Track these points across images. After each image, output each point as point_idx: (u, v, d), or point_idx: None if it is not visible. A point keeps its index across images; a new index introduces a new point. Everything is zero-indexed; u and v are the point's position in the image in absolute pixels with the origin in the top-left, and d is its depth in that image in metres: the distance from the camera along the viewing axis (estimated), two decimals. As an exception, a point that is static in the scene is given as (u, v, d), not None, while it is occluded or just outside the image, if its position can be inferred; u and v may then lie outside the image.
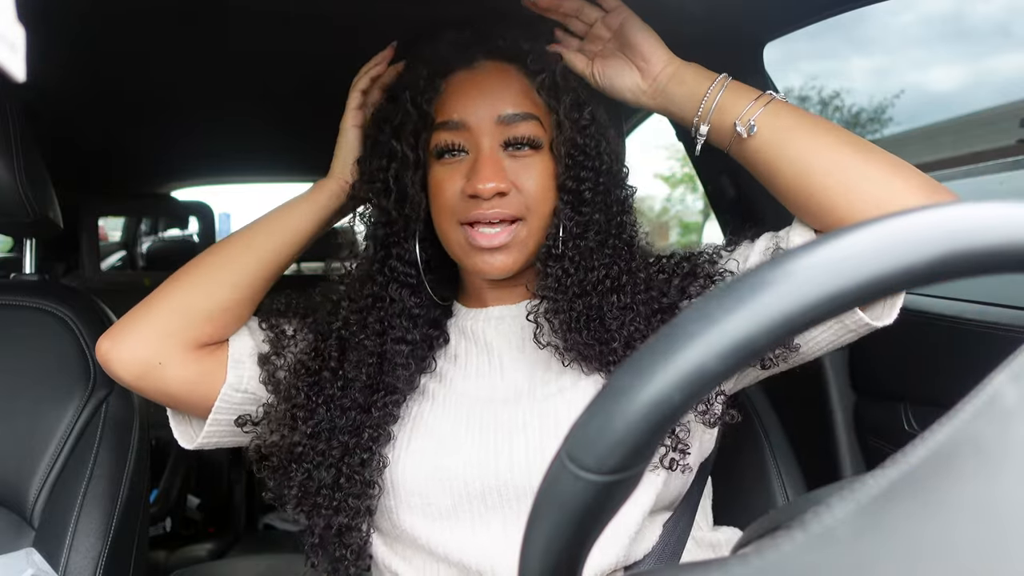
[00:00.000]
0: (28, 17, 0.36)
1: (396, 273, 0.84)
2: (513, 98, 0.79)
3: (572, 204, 0.80)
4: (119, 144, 2.15)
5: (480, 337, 0.87)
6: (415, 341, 0.83)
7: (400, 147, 0.81)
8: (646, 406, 0.29)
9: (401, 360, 0.82)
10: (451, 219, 0.80)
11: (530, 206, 0.79)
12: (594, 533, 0.33)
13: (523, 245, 0.80)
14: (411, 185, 0.81)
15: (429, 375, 0.87)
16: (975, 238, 0.28)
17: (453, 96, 0.80)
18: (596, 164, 0.80)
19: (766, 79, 1.27)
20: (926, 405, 1.06)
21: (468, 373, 0.85)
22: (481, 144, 0.78)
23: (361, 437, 0.80)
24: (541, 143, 0.80)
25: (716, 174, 1.46)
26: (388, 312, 0.83)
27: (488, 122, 0.78)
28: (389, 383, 0.82)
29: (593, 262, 0.80)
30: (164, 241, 3.60)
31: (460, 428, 0.80)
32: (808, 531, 0.22)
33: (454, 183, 0.79)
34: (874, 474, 0.23)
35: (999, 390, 0.24)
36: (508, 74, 0.81)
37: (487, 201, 0.77)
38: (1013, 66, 11.98)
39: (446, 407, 0.83)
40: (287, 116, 1.87)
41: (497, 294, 0.88)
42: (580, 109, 0.81)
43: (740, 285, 0.29)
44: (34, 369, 1.05)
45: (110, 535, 0.99)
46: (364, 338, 0.83)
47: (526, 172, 0.79)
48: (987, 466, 0.22)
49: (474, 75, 0.81)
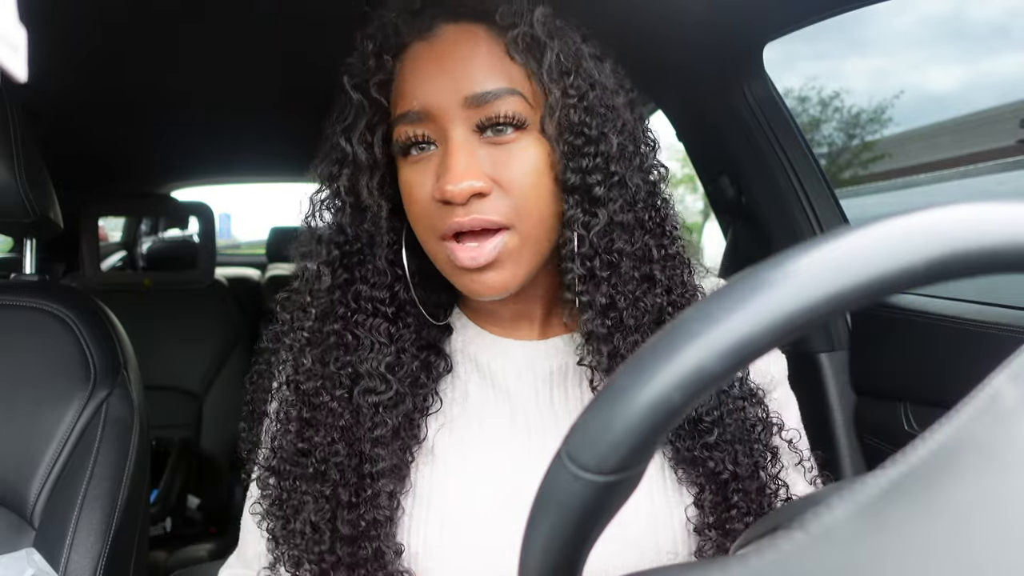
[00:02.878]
0: (29, 18, 0.36)
1: (364, 301, 0.68)
2: (482, 70, 0.61)
3: (581, 205, 0.63)
4: (119, 144, 2.15)
5: (499, 381, 0.71)
6: (395, 389, 0.66)
7: (351, 147, 0.65)
8: (646, 406, 0.29)
9: (378, 419, 0.65)
10: (430, 233, 0.64)
11: (518, 207, 0.61)
12: (594, 533, 0.33)
13: (517, 257, 0.63)
14: (368, 193, 0.65)
15: (436, 416, 0.70)
16: (975, 238, 0.28)
17: (410, 78, 0.63)
18: (603, 148, 0.63)
19: (766, 79, 1.28)
20: (926, 405, 1.06)
21: (484, 421, 0.70)
22: (449, 133, 0.61)
23: (359, 525, 0.65)
24: (525, 121, 0.62)
25: (716, 174, 1.46)
26: (357, 355, 0.67)
27: (453, 105, 0.61)
28: (372, 453, 0.65)
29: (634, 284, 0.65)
30: (164, 241, 3.60)
31: (486, 503, 0.66)
32: (808, 531, 0.22)
33: (424, 186, 0.63)
34: (874, 474, 0.23)
35: (999, 390, 0.24)
36: (474, 38, 0.62)
37: (462, 207, 0.60)
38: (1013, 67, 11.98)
39: (463, 474, 0.67)
40: (287, 116, 1.87)
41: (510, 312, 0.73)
42: (572, 69, 0.63)
43: (740, 285, 0.29)
44: (34, 369, 1.05)
45: (110, 535, 0.99)
46: (328, 397, 0.67)
47: (510, 162, 0.61)
48: (987, 466, 0.22)
49: (432, 47, 0.63)
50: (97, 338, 1.08)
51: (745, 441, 0.67)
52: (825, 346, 1.24)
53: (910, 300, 1.14)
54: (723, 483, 0.66)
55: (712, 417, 0.66)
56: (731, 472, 0.66)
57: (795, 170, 1.29)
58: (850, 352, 1.24)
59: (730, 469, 0.66)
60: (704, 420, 0.66)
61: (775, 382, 0.74)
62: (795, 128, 1.30)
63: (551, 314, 0.74)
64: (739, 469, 0.66)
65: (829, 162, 10.72)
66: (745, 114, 1.29)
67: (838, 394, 1.22)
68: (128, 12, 1.14)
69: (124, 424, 1.06)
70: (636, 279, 0.65)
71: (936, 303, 1.09)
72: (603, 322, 0.64)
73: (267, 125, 2.01)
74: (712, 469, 0.65)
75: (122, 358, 1.10)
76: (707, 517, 0.65)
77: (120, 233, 3.44)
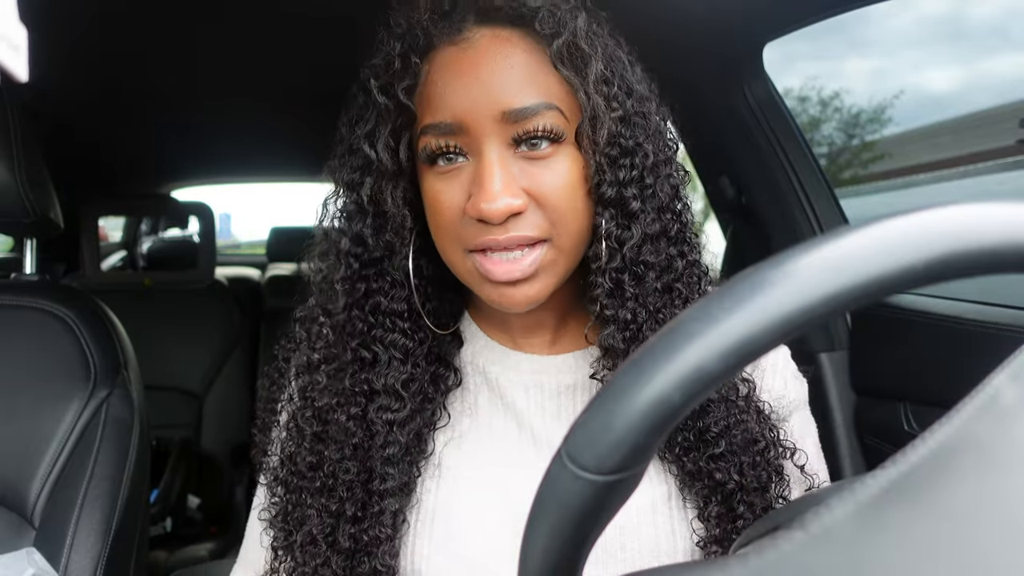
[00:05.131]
0: (29, 17, 0.36)
1: (382, 316, 0.66)
2: (520, 82, 0.58)
3: (616, 219, 0.61)
4: (120, 144, 2.15)
5: (507, 394, 0.70)
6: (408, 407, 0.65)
7: (375, 153, 0.62)
8: (646, 406, 0.29)
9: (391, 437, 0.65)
10: (455, 244, 0.62)
11: (555, 221, 0.60)
12: (594, 533, 0.33)
13: (552, 269, 0.61)
14: (393, 202, 0.63)
15: (443, 432, 0.69)
16: (975, 238, 0.28)
17: (440, 85, 0.60)
18: (639, 160, 0.61)
19: (766, 79, 1.28)
20: (926, 405, 1.06)
21: (493, 435, 0.69)
22: (483, 147, 0.59)
23: (361, 540, 0.64)
24: (563, 134, 0.60)
25: (716, 174, 1.46)
26: (375, 371, 0.65)
27: (489, 119, 0.58)
28: (382, 472, 0.64)
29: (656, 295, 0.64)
30: (164, 241, 3.60)
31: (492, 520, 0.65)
32: (808, 531, 0.22)
33: (453, 199, 0.60)
34: (874, 474, 0.23)
35: (999, 390, 0.24)
36: (509, 46, 0.59)
37: (499, 226, 0.58)
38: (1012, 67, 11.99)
39: (470, 491, 0.66)
40: (287, 116, 1.88)
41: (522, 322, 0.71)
42: (612, 82, 0.61)
43: (740, 285, 0.29)
44: (35, 369, 1.05)
45: (110, 535, 0.99)
46: (343, 415, 0.66)
47: (546, 176, 0.59)
48: (987, 466, 0.22)
49: (464, 52, 0.60)
50: (97, 338, 1.08)
51: (751, 454, 0.67)
52: (825, 346, 1.24)
53: (910, 300, 1.14)
54: (729, 494, 0.65)
55: (719, 428, 0.65)
56: (736, 483, 0.65)
57: (795, 170, 1.29)
58: (850, 352, 1.24)
59: (735, 479, 0.65)
60: (711, 430, 0.65)
61: (792, 407, 0.72)
62: (795, 128, 1.30)
63: (564, 325, 0.72)
64: (744, 481, 0.65)
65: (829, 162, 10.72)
66: (745, 114, 1.29)
67: (838, 394, 1.22)
68: (128, 12, 1.14)
69: (124, 424, 1.06)
70: (658, 290, 0.64)
71: (936, 303, 1.09)
72: (623, 336, 0.62)
73: (267, 125, 2.01)
74: (718, 480, 0.64)
75: (122, 358, 1.11)
76: (712, 530, 0.65)
77: (120, 233, 3.44)
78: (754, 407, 0.68)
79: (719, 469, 0.64)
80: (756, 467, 0.66)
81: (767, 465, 0.67)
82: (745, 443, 0.66)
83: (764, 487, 0.66)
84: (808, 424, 0.75)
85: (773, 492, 0.67)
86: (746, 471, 0.65)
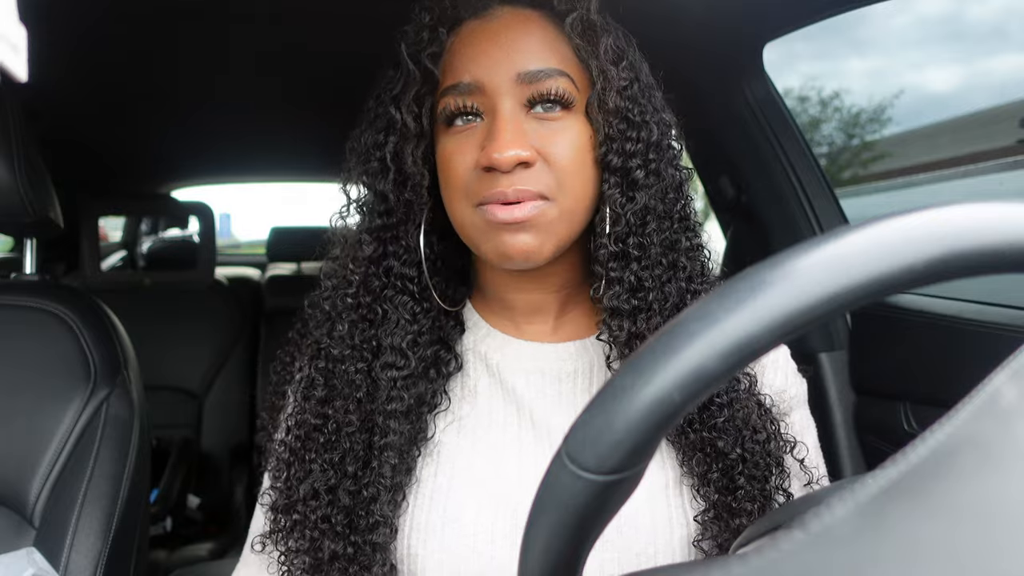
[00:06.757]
0: (30, 17, 0.36)
1: (394, 276, 0.70)
2: (537, 51, 0.64)
3: (620, 186, 0.65)
4: (119, 144, 2.15)
5: (507, 380, 0.72)
6: (412, 368, 0.68)
7: (400, 115, 0.66)
8: (646, 406, 0.29)
9: (395, 392, 0.67)
10: (464, 200, 0.65)
11: (561, 181, 0.63)
12: (594, 533, 0.33)
13: (551, 228, 0.64)
14: (412, 161, 0.67)
15: (444, 415, 0.71)
16: (975, 238, 0.28)
17: (462, 52, 0.66)
18: (644, 135, 0.66)
19: (766, 79, 1.28)
20: (926, 405, 1.06)
21: (492, 420, 0.71)
22: (499, 106, 0.63)
23: (361, 496, 0.67)
24: (574, 100, 0.64)
25: (716, 174, 1.46)
26: (383, 329, 0.69)
27: (507, 80, 0.63)
28: (384, 425, 0.67)
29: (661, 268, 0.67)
30: (164, 241, 3.60)
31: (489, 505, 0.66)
32: (808, 531, 0.22)
33: (466, 156, 0.64)
34: (874, 474, 0.23)
35: (999, 390, 0.24)
36: (530, 22, 0.65)
37: (506, 175, 0.62)
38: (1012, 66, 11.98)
39: (468, 474, 0.68)
40: (287, 116, 1.88)
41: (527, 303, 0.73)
42: (622, 59, 0.66)
43: (740, 285, 0.29)
44: (35, 369, 1.05)
45: (110, 535, 0.99)
46: (350, 368, 0.69)
47: (555, 138, 0.63)
48: (987, 465, 0.22)
49: (488, 25, 0.66)
50: (97, 338, 1.08)
51: (752, 434, 0.68)
52: (825, 346, 1.24)
53: (910, 300, 1.14)
54: (730, 464, 0.66)
55: (721, 400, 0.67)
56: (739, 455, 0.66)
57: (795, 170, 1.29)
58: (850, 352, 1.24)
59: (738, 451, 0.66)
60: (714, 401, 0.67)
61: (793, 403, 0.74)
62: (795, 128, 1.30)
63: (565, 313, 0.74)
64: (747, 454, 0.67)
65: (829, 162, 10.72)
66: (745, 114, 1.29)
67: (838, 394, 1.22)
68: (128, 12, 1.14)
69: (124, 424, 1.06)
70: (663, 264, 0.68)
71: (936, 303, 1.09)
72: (629, 299, 0.66)
73: (267, 125, 2.00)
74: (720, 449, 0.66)
75: (122, 358, 1.11)
76: (711, 496, 0.66)
77: (120, 233, 3.44)
78: (755, 400, 0.70)
79: (720, 438, 0.66)
80: (756, 451, 0.68)
81: (767, 455, 0.68)
82: (747, 419, 0.68)
83: (764, 476, 0.67)
84: (808, 421, 0.77)
85: (773, 483, 0.68)
86: (748, 445, 0.67)
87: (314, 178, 3.01)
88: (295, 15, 1.17)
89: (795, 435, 0.71)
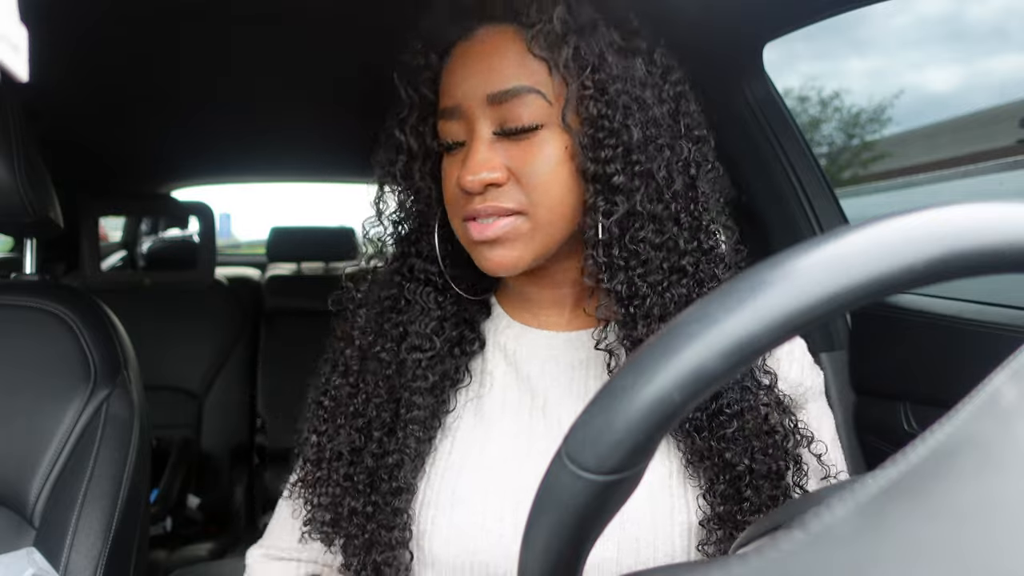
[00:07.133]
0: (30, 17, 0.36)
1: (417, 272, 0.76)
2: (505, 68, 0.65)
3: (602, 193, 0.65)
4: (119, 144, 2.15)
5: (523, 367, 0.75)
6: (436, 350, 0.73)
7: (404, 137, 0.72)
8: (646, 406, 0.29)
9: (420, 372, 0.72)
10: (455, 215, 0.70)
11: (533, 199, 0.65)
12: (594, 533, 0.33)
13: (527, 239, 0.66)
14: (420, 177, 0.73)
15: (464, 392, 0.76)
16: (975, 238, 0.28)
17: (452, 74, 0.69)
18: (624, 138, 0.64)
19: (766, 79, 1.28)
20: (926, 405, 1.06)
21: (506, 404, 0.74)
22: (475, 128, 0.66)
23: (385, 461, 0.71)
24: (538, 124, 0.65)
25: (716, 174, 1.46)
26: (407, 316, 0.75)
27: (479, 102, 0.66)
28: (409, 400, 0.72)
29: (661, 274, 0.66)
30: (164, 241, 3.60)
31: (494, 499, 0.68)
32: (808, 531, 0.22)
33: (452, 175, 0.69)
34: (874, 474, 0.23)
35: (999, 390, 0.24)
36: (505, 39, 0.66)
37: (479, 195, 0.66)
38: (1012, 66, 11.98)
39: (480, 458, 0.71)
40: (287, 116, 1.88)
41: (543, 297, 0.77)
42: (592, 63, 0.65)
43: (741, 285, 0.29)
44: (35, 369, 1.05)
45: (110, 535, 0.99)
46: (380, 349, 0.75)
47: (527, 156, 0.65)
48: (987, 465, 0.22)
49: (470, 47, 0.68)
50: (97, 338, 1.08)
51: (764, 439, 0.67)
52: (825, 346, 1.24)
53: (910, 300, 1.14)
54: (737, 476, 0.66)
55: (732, 411, 0.67)
56: (747, 466, 0.66)
57: (795, 170, 1.29)
58: (850, 352, 1.24)
59: (746, 463, 0.66)
60: (724, 412, 0.66)
61: (810, 395, 0.75)
62: (795, 128, 1.30)
63: (581, 303, 0.76)
64: (755, 465, 0.66)
65: (829, 162, 10.72)
66: (745, 114, 1.29)
67: (838, 394, 1.22)
68: (129, 14, 1.14)
69: (124, 424, 1.06)
70: (664, 270, 0.67)
71: (936, 303, 1.09)
72: (624, 310, 0.66)
73: (267, 125, 2.01)
74: (728, 460, 0.65)
75: (122, 358, 1.10)
76: (717, 508, 0.65)
77: (120, 233, 3.44)
78: (774, 399, 0.70)
79: (729, 449, 0.66)
80: (769, 455, 0.67)
81: (784, 454, 0.68)
82: (758, 430, 0.67)
83: (780, 474, 0.68)
84: (825, 414, 0.77)
85: (790, 480, 0.68)
86: (757, 457, 0.67)
87: (314, 178, 3.02)
88: (295, 15, 1.17)
89: (812, 429, 0.71)
